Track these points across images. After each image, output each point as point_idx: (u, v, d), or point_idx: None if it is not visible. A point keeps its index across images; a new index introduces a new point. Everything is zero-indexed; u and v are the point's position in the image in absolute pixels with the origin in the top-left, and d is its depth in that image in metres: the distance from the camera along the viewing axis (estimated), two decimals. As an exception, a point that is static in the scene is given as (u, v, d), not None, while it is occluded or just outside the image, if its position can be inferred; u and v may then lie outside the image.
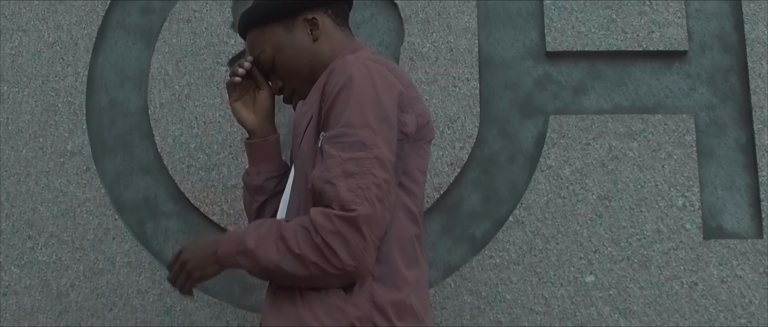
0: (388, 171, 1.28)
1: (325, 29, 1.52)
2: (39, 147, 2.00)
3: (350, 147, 1.27)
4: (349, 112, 1.29)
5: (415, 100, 1.40)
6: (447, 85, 1.96)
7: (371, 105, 1.30)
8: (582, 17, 1.97)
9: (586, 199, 1.89)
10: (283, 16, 1.52)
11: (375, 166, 1.27)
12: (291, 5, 1.51)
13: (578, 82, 1.97)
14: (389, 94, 1.33)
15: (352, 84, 1.31)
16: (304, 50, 1.50)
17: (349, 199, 1.24)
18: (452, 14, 1.99)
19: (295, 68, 1.50)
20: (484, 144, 1.96)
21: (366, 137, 1.28)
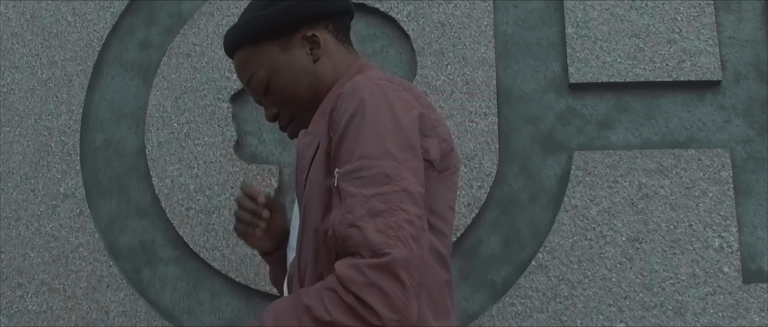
0: (419, 205, 1.19)
1: (326, 47, 1.44)
2: (30, 189, 2.03)
3: (373, 181, 1.18)
4: (365, 142, 1.20)
5: (438, 122, 1.32)
6: (463, 120, 1.97)
7: (391, 131, 1.21)
8: (607, 46, 1.99)
9: (614, 241, 1.88)
10: (279, 34, 1.44)
11: (404, 200, 1.17)
12: (289, 21, 1.43)
13: (604, 115, 1.98)
14: (409, 116, 1.24)
15: (366, 109, 1.23)
16: (303, 72, 1.42)
17: (380, 242, 1.13)
18: (468, 45, 2.01)
19: (294, 92, 1.42)
20: (504, 183, 1.96)
21: (390, 168, 1.18)
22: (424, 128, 1.26)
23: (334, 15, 1.46)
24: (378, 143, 1.20)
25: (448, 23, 2.04)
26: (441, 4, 2.05)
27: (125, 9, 2.12)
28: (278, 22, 1.43)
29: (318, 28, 1.44)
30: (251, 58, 1.45)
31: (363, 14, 2.09)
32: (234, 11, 2.08)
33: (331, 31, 1.46)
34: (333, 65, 1.43)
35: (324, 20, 1.45)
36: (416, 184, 1.19)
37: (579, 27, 2.01)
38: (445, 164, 1.32)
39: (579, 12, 2.02)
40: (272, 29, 1.43)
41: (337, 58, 1.44)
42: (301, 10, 1.43)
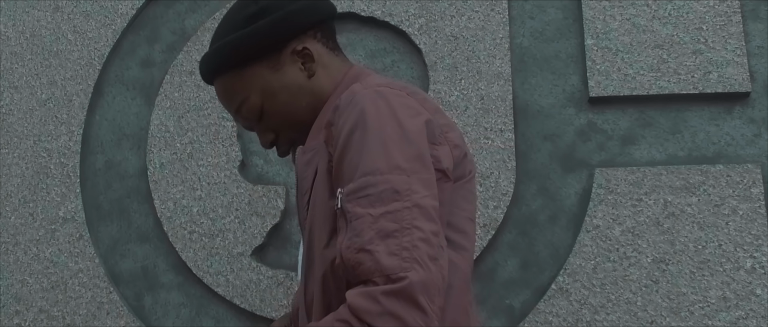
0: (434, 220, 1.14)
1: (320, 59, 1.39)
2: (29, 213, 2.07)
3: (381, 199, 1.13)
4: (369, 156, 1.16)
5: (447, 127, 1.28)
6: (478, 137, 1.99)
7: (397, 141, 1.17)
8: (629, 58, 2.00)
9: (639, 262, 1.88)
10: (266, 52, 1.37)
11: (417, 216, 1.12)
12: (274, 36, 1.36)
13: (626, 130, 1.99)
14: (416, 123, 1.20)
15: (367, 120, 1.18)
16: (300, 90, 1.37)
17: (394, 266, 1.09)
18: (483, 59, 2.04)
19: (294, 115, 1.37)
20: (522, 202, 1.97)
21: (398, 183, 1.14)
22: (432, 135, 1.22)
23: (323, 22, 1.41)
24: (383, 156, 1.16)
25: (462, 36, 2.06)
26: (454, 16, 2.08)
27: (127, 26, 2.17)
28: (264, 40, 1.36)
29: (307, 40, 1.39)
30: (237, 83, 1.39)
31: (373, 28, 2.12)
32: (239, 27, 2.12)
33: (321, 40, 1.41)
34: (329, 77, 1.39)
35: (312, 30, 1.40)
36: (429, 198, 1.15)
37: (599, 38, 2.03)
38: (459, 172, 1.28)
39: (599, 23, 2.03)
40: (258, 50, 1.36)
41: (333, 69, 1.40)
42: (289, 24, 1.37)
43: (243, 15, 1.38)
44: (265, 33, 1.36)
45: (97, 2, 2.18)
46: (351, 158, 1.18)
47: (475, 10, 2.08)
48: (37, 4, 2.20)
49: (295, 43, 1.38)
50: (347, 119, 1.21)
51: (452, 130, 1.28)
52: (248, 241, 1.99)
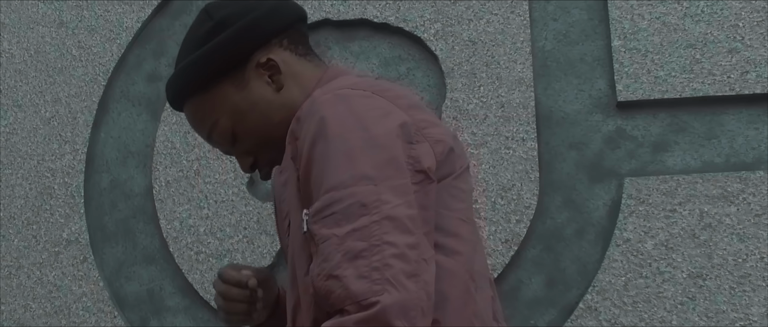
0: (410, 232, 1.10)
1: (288, 69, 1.36)
2: (32, 235, 2.12)
3: (347, 216, 1.09)
4: (332, 170, 1.13)
5: (427, 123, 1.24)
6: (498, 147, 1.99)
7: (362, 148, 1.13)
8: (659, 59, 1.99)
9: (674, 278, 1.86)
10: (229, 70, 1.34)
11: (388, 230, 1.09)
12: (237, 52, 1.33)
13: (658, 136, 1.97)
14: (385, 125, 1.17)
15: (327, 129, 1.15)
16: (270, 106, 1.34)
17: (364, 290, 1.05)
18: (502, 64, 2.04)
19: (267, 133, 1.34)
20: (546, 216, 1.96)
21: (365, 195, 1.10)
22: (408, 135, 1.19)
23: (288, 27, 1.38)
24: (347, 167, 1.12)
25: (480, 41, 2.07)
26: (471, 20, 2.09)
27: (132, 40, 2.23)
28: (224, 57, 1.33)
29: (272, 50, 1.36)
30: (204, 107, 1.37)
31: (386, 35, 2.14)
32: (247, 38, 2.16)
33: (288, 46, 1.38)
34: (300, 86, 1.36)
35: (276, 38, 1.37)
36: (403, 206, 1.11)
37: (627, 39, 2.02)
38: (446, 169, 1.24)
39: (626, 23, 2.03)
40: (220, 67, 1.34)
41: (304, 77, 1.36)
42: (249, 36, 1.34)
43: (200, 32, 1.37)
44: (223, 49, 1.33)
45: (102, 16, 2.25)
46: (315, 174, 1.15)
47: (494, 13, 2.08)
48: (41, 19, 2.27)
49: (258, 56, 1.35)
50: (308, 131, 1.18)
51: (433, 125, 1.25)
52: (257, 262, 2.01)
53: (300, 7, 1.44)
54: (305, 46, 1.41)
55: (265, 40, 1.35)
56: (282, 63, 1.35)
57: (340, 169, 1.12)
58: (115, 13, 2.24)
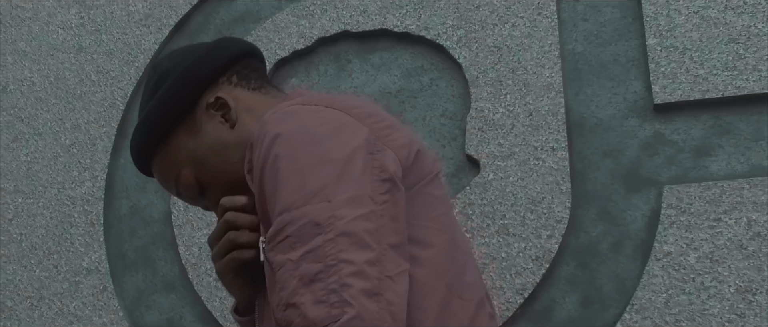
0: (369, 247, 1.08)
1: (240, 104, 1.38)
2: (53, 265, 2.20)
3: (300, 238, 1.09)
4: (283, 191, 1.12)
5: (389, 128, 1.24)
6: (527, 158, 1.98)
7: (314, 163, 1.13)
8: (699, 57, 1.95)
9: (720, 293, 1.81)
10: (180, 118, 1.37)
11: (345, 247, 1.07)
12: (180, 97, 1.36)
13: (700, 140, 1.93)
14: (338, 137, 1.17)
15: (276, 149, 1.16)
16: (226, 146, 1.35)
17: (322, 316, 1.04)
18: (530, 69, 2.03)
19: (230, 174, 1.33)
20: (580, 230, 1.94)
21: (318, 213, 1.09)
22: (369, 145, 1.18)
23: (233, 63, 1.41)
24: (299, 186, 1.12)
25: (506, 46, 2.07)
26: (496, 25, 2.09)
27: (150, 62, 2.30)
28: (172, 106, 1.36)
29: (221, 88, 1.39)
30: (165, 162, 1.40)
31: (408, 45, 2.16)
32: (264, 53, 2.21)
33: (238, 82, 1.40)
34: (256, 118, 1.36)
35: (223, 76, 1.40)
36: (360, 220, 1.09)
37: (663, 36, 1.98)
38: (415, 175, 1.24)
39: (662, 19, 1.99)
40: (170, 118, 1.37)
41: (259, 108, 1.37)
42: (191, 80, 1.37)
43: (148, 89, 1.41)
44: (169, 99, 1.36)
45: (120, 39, 2.33)
46: (269, 199, 1.15)
47: (520, 16, 2.08)
48: (61, 46, 2.37)
49: (206, 97, 1.38)
50: (259, 155, 1.18)
51: (396, 130, 1.25)
52: (277, 286, 2.04)
53: (246, 42, 1.46)
54: (259, 80, 1.43)
55: (210, 80, 1.38)
56: (232, 99, 1.37)
57: (291, 189, 1.12)
58: (133, 36, 2.32)
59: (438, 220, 1.24)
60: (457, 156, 2.06)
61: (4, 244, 2.26)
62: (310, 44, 2.20)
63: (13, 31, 2.42)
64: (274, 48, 2.21)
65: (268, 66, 2.20)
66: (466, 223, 1.98)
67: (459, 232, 1.32)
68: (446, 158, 2.06)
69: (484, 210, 1.98)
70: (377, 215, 1.12)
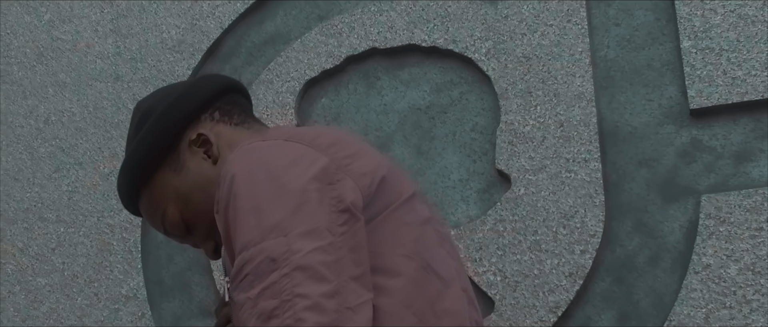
0: (326, 279, 1.09)
1: (222, 139, 1.41)
2: (93, 293, 2.27)
3: (258, 275, 1.11)
4: (242, 229, 1.15)
5: (352, 157, 1.25)
6: (558, 171, 1.95)
7: (271, 198, 1.15)
8: (736, 57, 1.90)
9: (764, 306, 1.75)
10: (163, 156, 1.41)
11: (300, 281, 1.09)
12: (162, 135, 1.40)
13: (740, 145, 1.87)
14: (295, 171, 1.19)
15: (235, 187, 1.18)
16: (209, 182, 1.38)
17: None
18: (560, 79, 2.01)
19: (214, 213, 1.32)
20: (615, 243, 1.90)
21: (274, 248, 1.11)
22: (327, 175, 1.19)
23: (215, 100, 1.44)
24: (256, 223, 1.14)
25: (535, 56, 2.04)
26: (525, 34, 2.07)
27: (183, 88, 2.35)
28: (155, 145, 1.40)
29: (202, 125, 1.42)
30: (151, 201, 1.43)
31: (437, 59, 2.15)
32: (294, 74, 2.24)
33: (220, 118, 1.43)
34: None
35: (205, 113, 1.43)
36: (316, 253, 1.10)
37: (698, 38, 1.93)
38: (381, 203, 1.23)
39: (696, 20, 1.94)
40: (154, 157, 1.40)
41: (241, 144, 1.37)
42: (173, 118, 1.41)
43: (132, 129, 1.45)
44: (151, 137, 1.40)
45: (155, 67, 2.39)
46: (230, 238, 1.17)
47: (549, 24, 2.05)
48: (99, 75, 2.45)
49: (189, 134, 1.41)
50: (221, 194, 1.21)
51: (359, 157, 1.25)
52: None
53: (229, 78, 1.49)
54: (242, 115, 1.46)
55: (192, 117, 1.42)
56: (213, 135, 1.41)
57: (249, 227, 1.14)
58: (167, 63, 2.38)
59: (407, 246, 1.23)
60: (489, 171, 2.04)
61: (48, 273, 2.34)
62: (338, 63, 2.22)
63: (54, 63, 2.51)
64: (303, 68, 2.24)
65: (298, 86, 2.23)
66: (498, 240, 1.96)
67: (437, 256, 1.29)
68: (477, 174, 2.05)
69: (516, 226, 1.96)
70: (335, 247, 1.13)
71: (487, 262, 1.96)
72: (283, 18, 2.33)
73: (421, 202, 1.34)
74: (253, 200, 1.16)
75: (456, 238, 1.99)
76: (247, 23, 2.37)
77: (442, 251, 1.31)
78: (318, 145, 1.24)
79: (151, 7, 2.44)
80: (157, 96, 1.46)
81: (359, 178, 1.22)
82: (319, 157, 1.21)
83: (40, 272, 2.36)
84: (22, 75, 2.55)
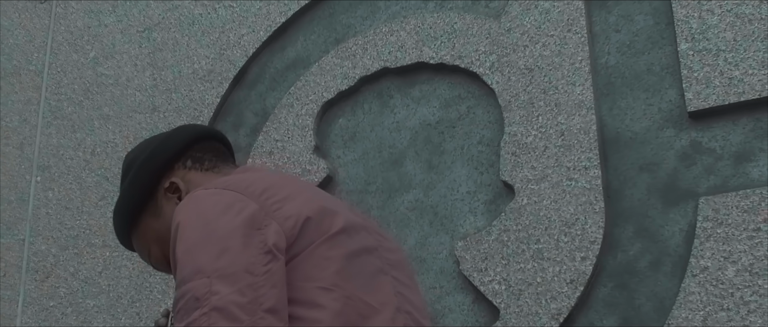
0: (237, 319, 1.25)
1: (190, 185, 1.60)
2: (136, 313, 2.42)
3: (186, 311, 1.28)
4: (181, 268, 1.33)
5: (280, 202, 1.41)
6: (560, 179, 1.98)
7: (200, 243, 1.33)
8: (733, 58, 1.89)
9: (761, 308, 1.74)
10: (144, 204, 1.63)
11: (216, 320, 1.25)
12: (141, 185, 1.62)
13: (740, 146, 1.86)
14: (223, 219, 1.36)
15: (178, 232, 1.36)
16: None
17: None
18: (560, 88, 2.04)
19: None
20: (617, 249, 1.92)
21: (199, 288, 1.28)
22: (255, 222, 1.35)
23: (188, 148, 1.64)
24: (189, 263, 1.31)
25: (537, 67, 2.08)
26: (527, 46, 2.11)
27: (214, 115, 2.49)
28: (136, 193, 1.62)
29: (176, 173, 1.63)
30: (138, 241, 1.66)
31: (446, 75, 2.22)
32: (312, 97, 2.34)
33: (192, 166, 1.64)
34: None
35: (179, 161, 1.64)
36: (233, 295, 1.26)
37: (695, 40, 1.94)
38: (304, 241, 1.38)
39: (693, 22, 1.95)
40: (136, 204, 1.62)
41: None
42: (149, 168, 1.62)
43: (122, 176, 1.67)
44: (134, 187, 1.62)
45: (187, 96, 2.53)
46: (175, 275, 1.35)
47: (550, 35, 2.09)
48: (138, 107, 2.61)
49: (164, 182, 1.62)
50: (172, 239, 1.38)
51: (287, 202, 1.41)
52: None
53: (202, 127, 1.71)
54: (213, 160, 1.66)
55: (166, 166, 1.63)
56: (183, 182, 1.61)
57: (185, 266, 1.32)
58: (198, 92, 2.52)
59: (325, 279, 1.37)
60: (495, 182, 2.09)
61: (96, 295, 2.51)
62: (353, 84, 2.30)
63: (99, 97, 2.69)
64: (321, 91, 2.34)
65: (316, 108, 2.32)
66: (502, 250, 2.00)
67: (369, 284, 1.42)
68: (484, 185, 2.10)
69: (519, 235, 2.00)
70: (254, 287, 1.29)
71: (492, 272, 2.00)
72: (303, 43, 2.44)
73: (359, 234, 1.48)
74: (187, 244, 1.34)
75: (463, 249, 2.04)
76: (270, 50, 2.48)
77: (381, 278, 1.46)
78: (251, 193, 1.41)
79: (183, 39, 2.59)
80: (140, 148, 1.69)
81: (284, 221, 1.38)
82: (248, 204, 1.38)
83: (89, 294, 2.52)
84: (71, 110, 2.73)
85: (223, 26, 2.54)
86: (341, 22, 2.40)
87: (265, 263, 1.31)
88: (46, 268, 2.62)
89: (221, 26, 2.55)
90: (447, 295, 2.07)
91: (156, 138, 1.69)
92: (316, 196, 1.50)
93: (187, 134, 1.67)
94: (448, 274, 2.08)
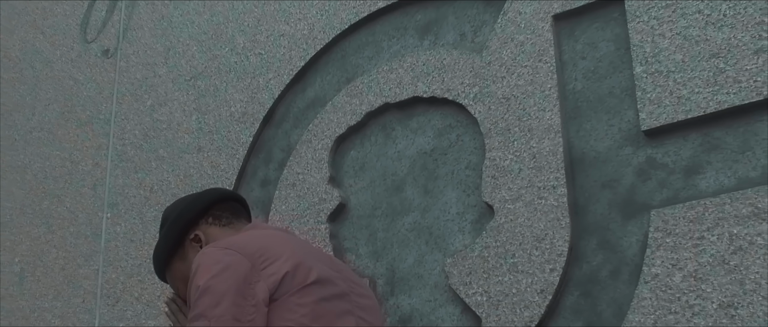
0: None
1: (209, 238, 2.05)
2: None
3: None
4: (191, 308, 1.79)
5: (268, 261, 1.83)
6: (532, 198, 2.15)
7: (201, 293, 1.76)
8: (681, 78, 2.01)
9: (704, 310, 1.85)
10: (176, 250, 2.08)
11: None
12: (174, 240, 2.08)
13: (689, 160, 1.98)
14: (221, 275, 1.78)
15: (192, 280, 1.81)
16: None
17: None
18: (533, 114, 2.20)
19: None
20: (582, 260, 2.06)
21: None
22: (247, 278, 1.79)
23: (211, 207, 2.11)
24: (195, 307, 1.76)
25: (513, 96, 2.25)
26: (504, 77, 2.28)
27: (247, 152, 2.76)
28: (168, 244, 2.08)
29: (201, 227, 2.09)
30: (171, 279, 2.12)
31: (439, 106, 2.41)
32: (327, 132, 2.58)
33: (213, 222, 2.10)
34: None
35: (202, 217, 2.10)
36: None
37: (648, 63, 2.07)
38: (282, 290, 1.80)
39: (647, 46, 2.08)
40: (169, 250, 2.09)
41: (222, 242, 1.94)
42: (179, 223, 2.08)
43: (160, 226, 2.14)
44: (167, 238, 2.08)
45: (225, 136, 2.82)
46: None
47: (524, 65, 2.26)
48: (186, 148, 2.91)
49: (190, 234, 2.08)
50: (189, 281, 1.86)
51: (273, 262, 1.83)
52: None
53: (224, 191, 2.17)
54: (229, 217, 2.12)
55: (193, 222, 2.10)
56: (204, 235, 2.07)
57: (193, 308, 1.78)
58: (235, 132, 2.80)
59: (297, 320, 1.79)
60: (480, 203, 2.27)
61: (155, 316, 2.81)
62: (360, 119, 2.53)
63: (155, 141, 3.01)
64: (334, 127, 2.57)
65: (330, 143, 2.56)
66: (483, 265, 2.17)
67: (337, 323, 1.85)
68: (471, 206, 2.28)
69: (498, 251, 2.17)
70: None
71: (476, 285, 2.18)
72: (320, 84, 2.69)
73: (332, 282, 1.89)
74: (195, 293, 1.79)
75: (451, 265, 2.23)
76: (293, 92, 2.74)
77: (347, 317, 1.87)
78: (247, 253, 1.84)
79: (222, 85, 2.88)
80: (174, 205, 2.16)
81: (268, 278, 1.81)
82: (243, 263, 1.81)
83: (150, 316, 2.83)
84: (133, 153, 3.07)
85: (254, 72, 2.82)
86: (351, 62, 2.64)
87: (251, 312, 1.75)
88: (115, 293, 2.96)
89: (252, 72, 2.82)
90: (440, 307, 2.26)
91: (187, 198, 2.15)
92: (299, 252, 1.90)
93: (210, 197, 2.12)
94: (441, 288, 2.27)
